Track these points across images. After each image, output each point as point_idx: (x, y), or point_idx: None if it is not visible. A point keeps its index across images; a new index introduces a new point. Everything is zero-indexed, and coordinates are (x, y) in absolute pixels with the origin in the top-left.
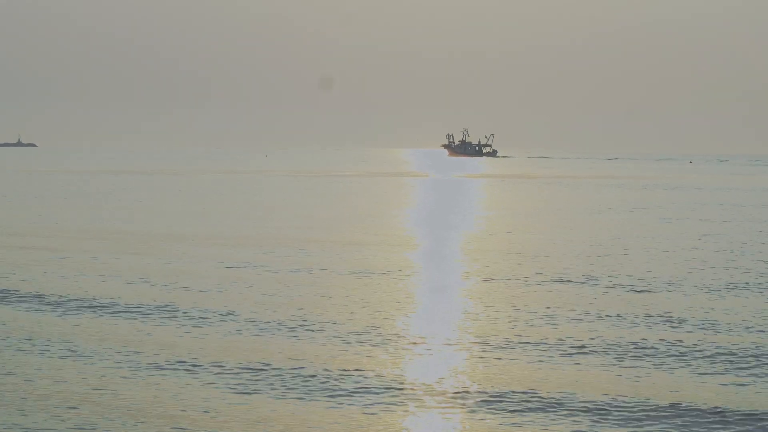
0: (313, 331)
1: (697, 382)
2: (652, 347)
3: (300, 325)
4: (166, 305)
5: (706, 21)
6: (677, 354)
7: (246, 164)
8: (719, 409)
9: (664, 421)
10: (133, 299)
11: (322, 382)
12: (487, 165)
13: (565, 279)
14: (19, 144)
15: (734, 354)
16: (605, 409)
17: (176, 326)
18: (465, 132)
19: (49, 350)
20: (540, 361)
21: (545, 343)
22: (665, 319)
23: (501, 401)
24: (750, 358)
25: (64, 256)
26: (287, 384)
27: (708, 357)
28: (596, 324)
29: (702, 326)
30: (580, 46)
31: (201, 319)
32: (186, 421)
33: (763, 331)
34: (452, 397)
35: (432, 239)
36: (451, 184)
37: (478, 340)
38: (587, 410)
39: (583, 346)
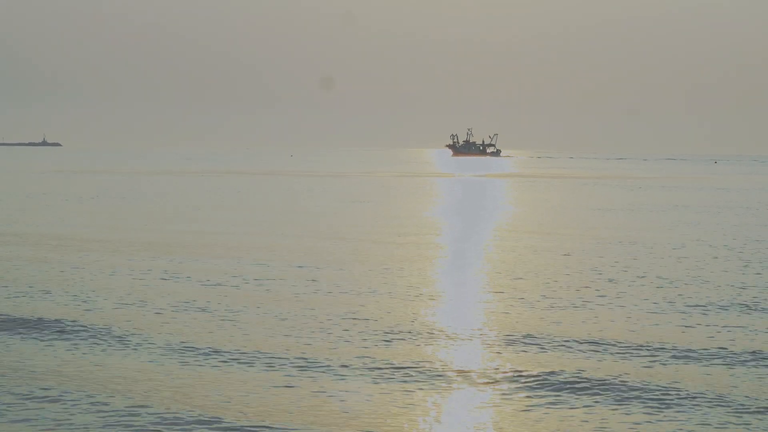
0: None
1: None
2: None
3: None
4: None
5: (709, 21)
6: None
7: (277, 165)
8: None
9: None
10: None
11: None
12: (505, 165)
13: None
14: (44, 143)
15: None
16: None
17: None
18: (469, 132)
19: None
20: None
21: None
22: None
23: None
24: None
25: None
26: None
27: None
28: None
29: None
30: (581, 46)
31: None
32: None
33: None
34: None
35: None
36: (481, 184)
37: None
38: None
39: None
